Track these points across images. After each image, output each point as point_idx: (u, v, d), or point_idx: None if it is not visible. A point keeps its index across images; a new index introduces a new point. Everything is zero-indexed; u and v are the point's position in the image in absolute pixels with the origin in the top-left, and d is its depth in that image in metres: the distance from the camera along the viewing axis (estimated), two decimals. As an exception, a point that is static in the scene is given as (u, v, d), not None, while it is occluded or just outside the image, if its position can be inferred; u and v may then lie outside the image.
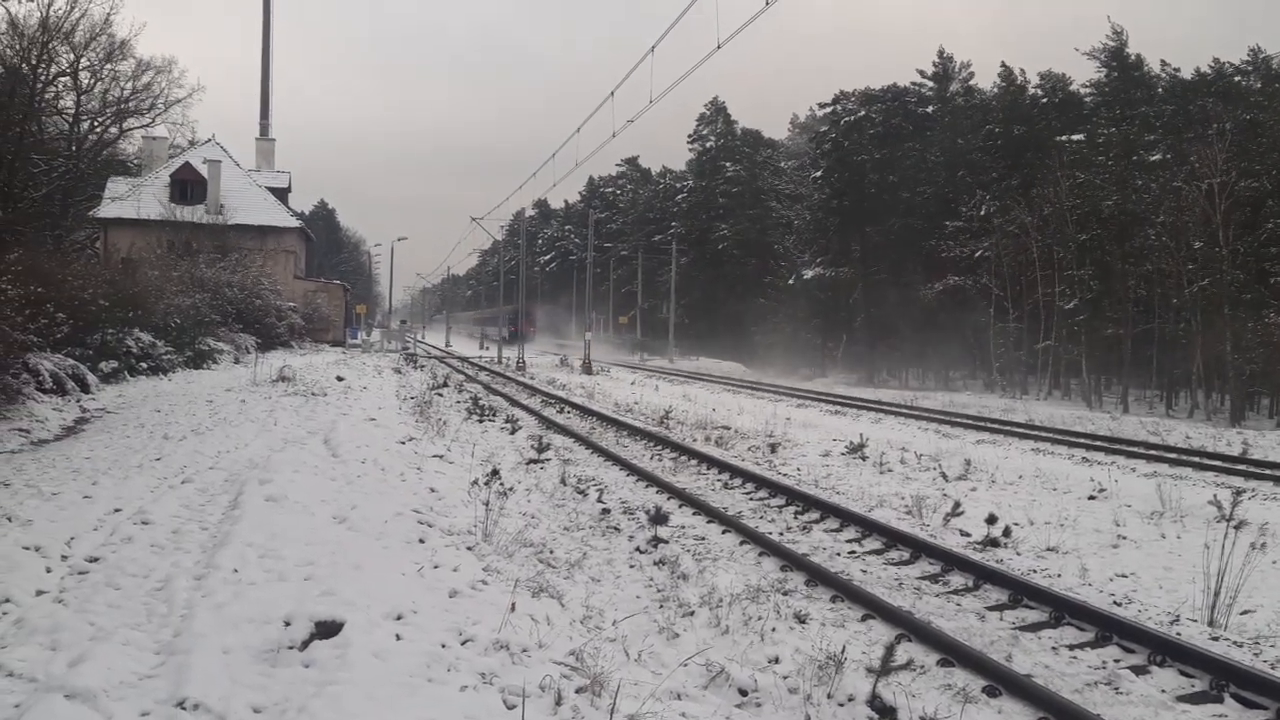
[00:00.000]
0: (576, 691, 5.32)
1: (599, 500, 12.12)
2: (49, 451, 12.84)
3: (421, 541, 8.36)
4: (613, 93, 22.17)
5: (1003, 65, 61.82)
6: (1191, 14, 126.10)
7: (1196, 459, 18.12)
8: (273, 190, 54.72)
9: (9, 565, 6.87)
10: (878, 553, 10.09)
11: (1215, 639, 7.38)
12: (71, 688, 4.74)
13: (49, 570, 7.00)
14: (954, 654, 6.71)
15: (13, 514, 8.32)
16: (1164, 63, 59.19)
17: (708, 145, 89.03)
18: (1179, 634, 7.31)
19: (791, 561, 9.29)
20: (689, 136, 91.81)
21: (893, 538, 10.35)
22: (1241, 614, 7.96)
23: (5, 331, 15.15)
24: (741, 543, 10.24)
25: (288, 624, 5.68)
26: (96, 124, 46.90)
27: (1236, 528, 10.60)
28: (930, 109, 65.00)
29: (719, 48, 16.60)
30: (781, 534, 10.88)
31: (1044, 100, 58.81)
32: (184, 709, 4.66)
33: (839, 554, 10.06)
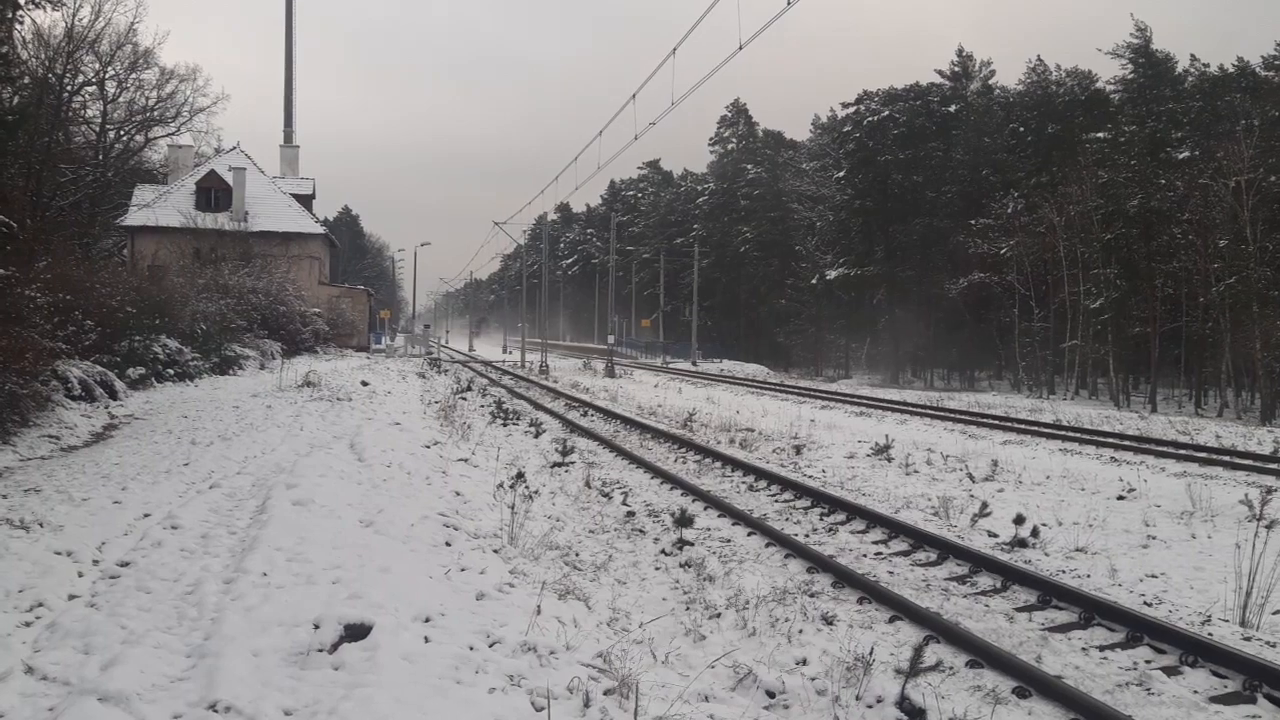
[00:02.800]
0: (604, 693, 5.33)
1: (624, 503, 12.12)
2: (78, 458, 12.96)
3: (448, 545, 8.40)
4: (634, 95, 22.19)
5: (1038, 59, 61.70)
6: (1199, 12, 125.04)
7: (1226, 458, 17.93)
8: (297, 197, 55.06)
9: (41, 570, 6.95)
10: (905, 554, 10.04)
11: (1248, 639, 7.30)
12: (104, 691, 4.79)
13: (80, 575, 7.07)
14: (983, 655, 6.66)
15: (44, 519, 8.41)
16: (1193, 58, 58.77)
17: (729, 147, 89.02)
18: (1210, 634, 7.24)
19: (818, 563, 9.25)
20: (710, 139, 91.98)
21: (919, 539, 10.30)
22: (1274, 614, 7.86)
23: (34, 339, 15.29)
24: (767, 545, 10.21)
25: (317, 627, 5.71)
26: (122, 133, 47.50)
27: (1268, 527, 10.46)
28: (953, 108, 64.71)
29: (740, 48, 16.58)
30: (807, 536, 10.84)
31: (1070, 98, 58.48)
32: (215, 711, 4.69)
33: (865, 555, 10.01)
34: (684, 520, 10.27)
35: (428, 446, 14.77)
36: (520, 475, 11.50)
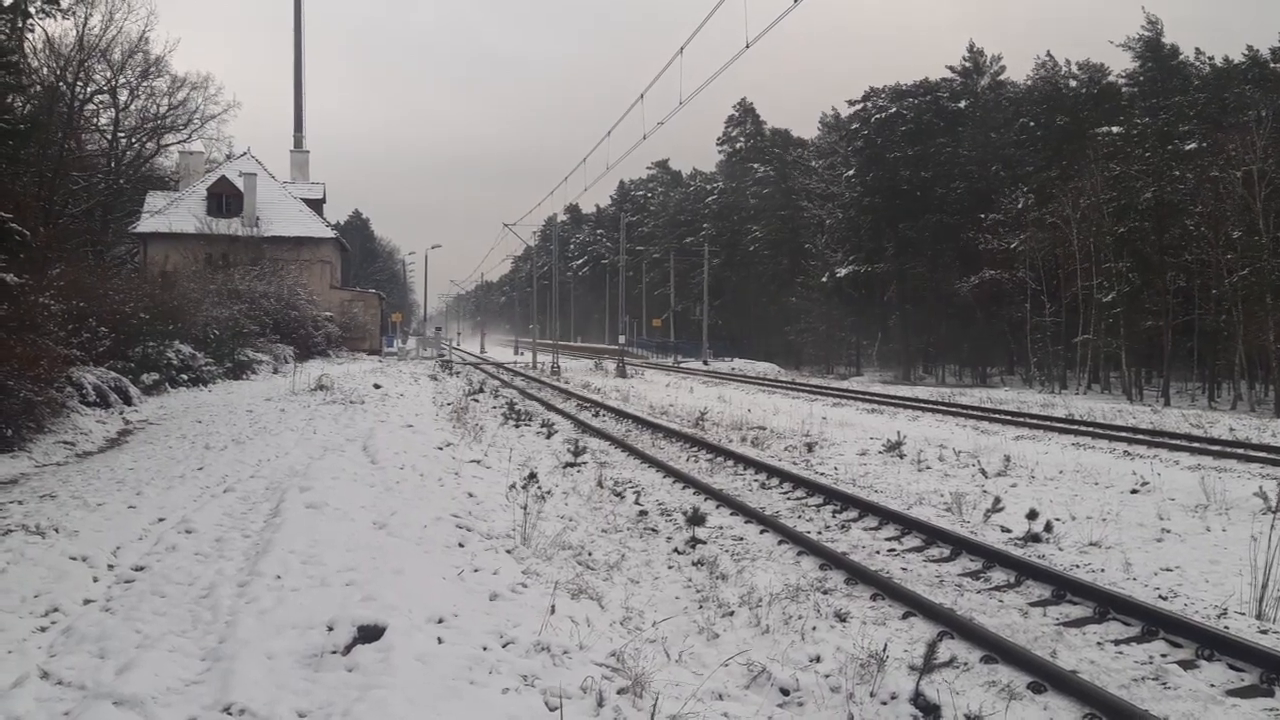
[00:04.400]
0: (618, 692, 5.32)
1: (636, 502, 12.12)
2: (93, 463, 13.02)
3: (461, 546, 8.40)
4: (642, 95, 22.18)
5: (1048, 55, 61.67)
6: (1198, 8, 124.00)
7: (1241, 451, 17.83)
8: (308, 201, 55.22)
9: (57, 575, 6.99)
10: (917, 550, 10.02)
11: (1264, 632, 7.27)
12: (120, 695, 4.81)
13: (96, 579, 7.11)
14: (997, 650, 6.64)
15: (59, 525, 8.46)
16: (1199, 51, 58.55)
17: (737, 146, 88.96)
18: (1227, 627, 7.20)
19: (831, 560, 9.24)
20: (718, 139, 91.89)
21: (932, 535, 10.27)
22: (1291, 606, 7.82)
23: (49, 346, 15.38)
24: (780, 542, 10.20)
25: (331, 629, 5.73)
26: (134, 140, 47.70)
27: (1284, 519, 10.43)
28: (962, 104, 64.53)
29: (748, 46, 16.56)
30: (820, 533, 10.83)
31: (1082, 91, 58.32)
32: (230, 714, 4.71)
33: (878, 552, 9.99)
34: (696, 519, 10.27)
35: (440, 448, 14.80)
36: (533, 476, 11.52)
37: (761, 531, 10.73)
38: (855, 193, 66.75)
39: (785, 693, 5.81)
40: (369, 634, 5.66)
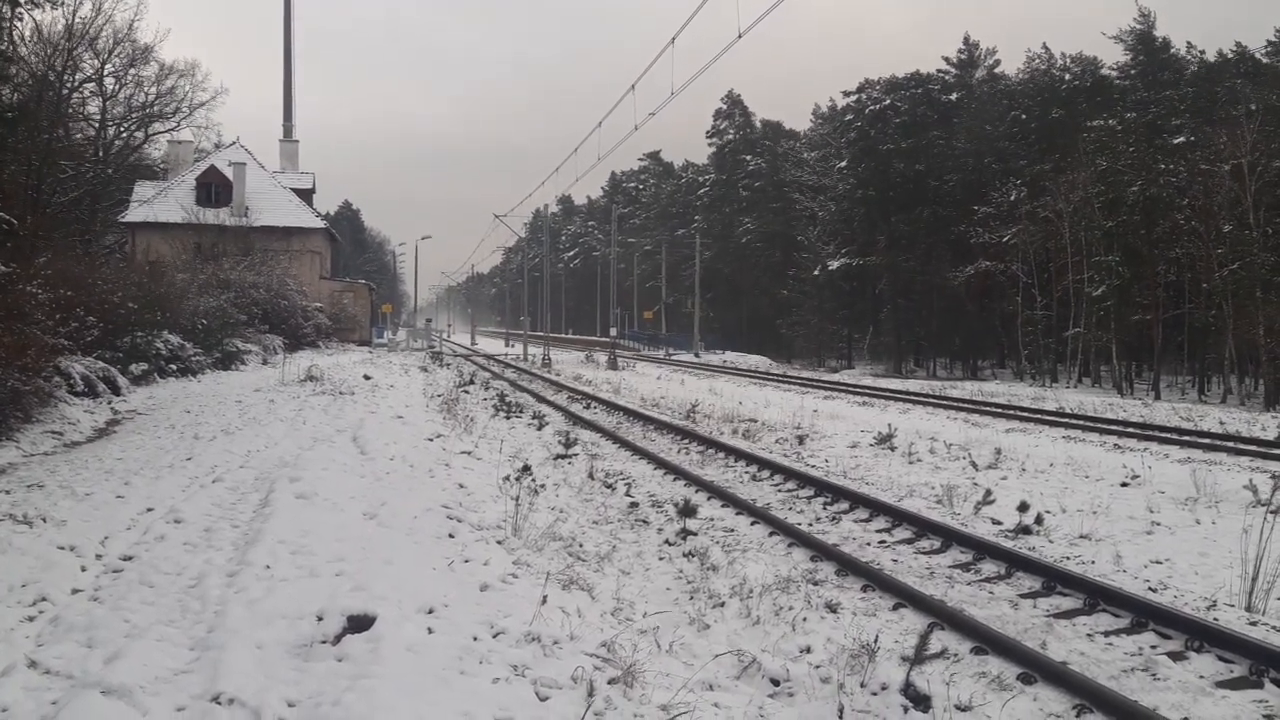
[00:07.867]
0: (609, 683, 5.32)
1: (627, 494, 12.11)
2: (81, 453, 12.96)
3: (451, 536, 8.38)
4: (633, 86, 22.17)
5: (1044, 47, 61.76)
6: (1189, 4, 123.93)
7: (1231, 444, 17.89)
8: (297, 191, 54.93)
9: (45, 565, 6.95)
10: (908, 542, 10.02)
11: (1253, 624, 7.28)
12: (108, 684, 4.78)
13: (84, 569, 7.07)
14: (988, 642, 6.64)
15: (47, 514, 8.42)
16: (1190, 44, 58.67)
17: (726, 139, 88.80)
18: (1216, 619, 7.21)
19: (821, 552, 9.24)
20: (707, 131, 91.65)
21: (923, 527, 10.28)
22: (1280, 599, 7.85)
23: (36, 335, 15.29)
24: (771, 534, 10.19)
25: (320, 619, 5.71)
26: (122, 129, 47.34)
27: (1274, 512, 10.47)
28: (955, 96, 64.52)
29: (740, 36, 16.55)
30: (811, 525, 10.83)
31: (1074, 84, 58.37)
32: (219, 704, 4.69)
33: (869, 544, 10.00)
34: (687, 510, 10.25)
35: (431, 439, 14.76)
36: (526, 468, 11.51)
37: (752, 523, 10.73)
38: (848, 185, 66.65)
39: (776, 683, 5.81)
40: (359, 624, 5.64)
